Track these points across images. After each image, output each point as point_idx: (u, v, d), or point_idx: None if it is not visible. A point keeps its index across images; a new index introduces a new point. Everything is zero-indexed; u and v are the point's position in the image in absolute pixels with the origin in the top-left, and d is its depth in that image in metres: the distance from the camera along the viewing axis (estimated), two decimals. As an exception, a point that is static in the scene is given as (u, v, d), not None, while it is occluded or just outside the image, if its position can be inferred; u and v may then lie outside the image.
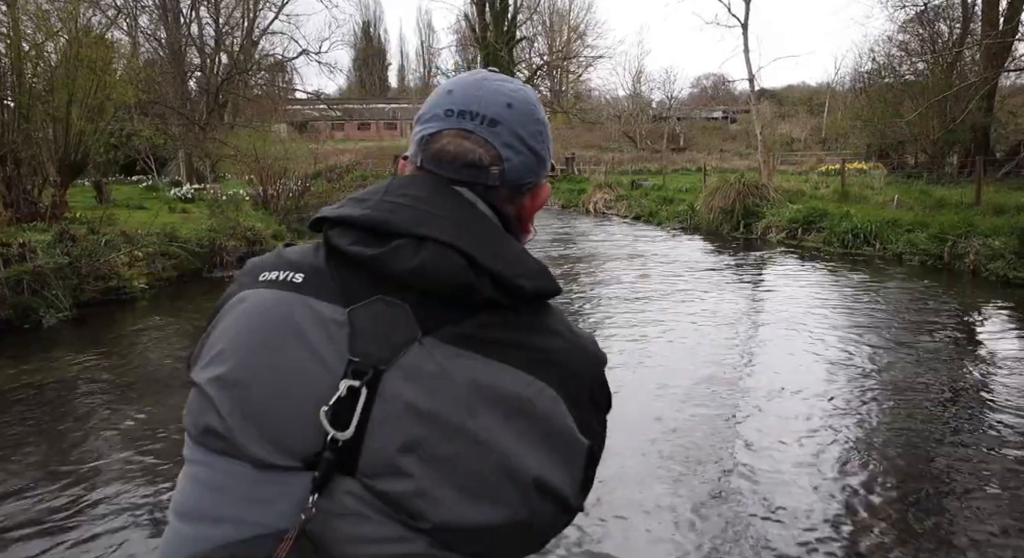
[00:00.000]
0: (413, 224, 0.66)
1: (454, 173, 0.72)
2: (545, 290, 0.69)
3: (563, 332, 0.69)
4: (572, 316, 7.49)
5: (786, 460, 3.86)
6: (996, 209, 11.66)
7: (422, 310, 0.64)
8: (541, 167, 0.77)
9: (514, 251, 0.69)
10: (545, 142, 0.77)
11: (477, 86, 0.75)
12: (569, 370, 0.67)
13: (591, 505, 3.38)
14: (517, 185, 0.75)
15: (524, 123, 0.74)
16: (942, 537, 3.11)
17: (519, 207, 0.77)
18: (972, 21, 22.85)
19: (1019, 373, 5.34)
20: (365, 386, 0.61)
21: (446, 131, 0.73)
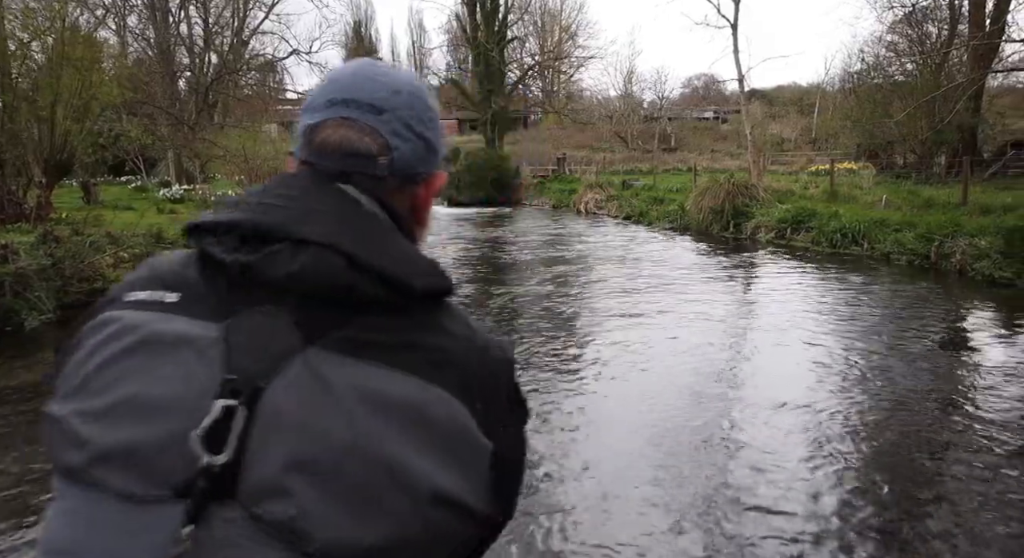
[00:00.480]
0: (289, 225, 0.62)
1: (339, 164, 0.68)
2: (436, 288, 0.66)
3: (461, 331, 0.66)
4: (560, 318, 7.50)
5: (777, 461, 3.86)
6: (983, 209, 11.75)
7: (304, 318, 0.61)
8: (433, 156, 0.75)
9: (401, 248, 0.66)
10: (437, 130, 0.75)
11: (361, 74, 0.72)
12: (468, 371, 0.64)
13: (584, 508, 3.37)
14: (408, 175, 0.72)
15: (413, 110, 0.71)
16: (933, 539, 3.12)
17: (412, 198, 0.74)
18: (959, 22, 23.03)
19: (1003, 372, 5.36)
20: (242, 405, 0.57)
21: (329, 121, 0.69)
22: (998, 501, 3.38)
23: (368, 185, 0.69)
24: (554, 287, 9.47)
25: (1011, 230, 9.06)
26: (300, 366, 0.59)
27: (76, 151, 11.69)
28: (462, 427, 0.61)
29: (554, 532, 3.18)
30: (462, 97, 36.28)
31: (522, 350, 6.24)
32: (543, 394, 5.05)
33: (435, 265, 0.68)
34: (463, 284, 10.11)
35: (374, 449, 0.58)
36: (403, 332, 0.63)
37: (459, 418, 0.61)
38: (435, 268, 0.67)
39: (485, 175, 29.21)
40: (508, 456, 0.67)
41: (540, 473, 3.77)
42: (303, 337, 0.60)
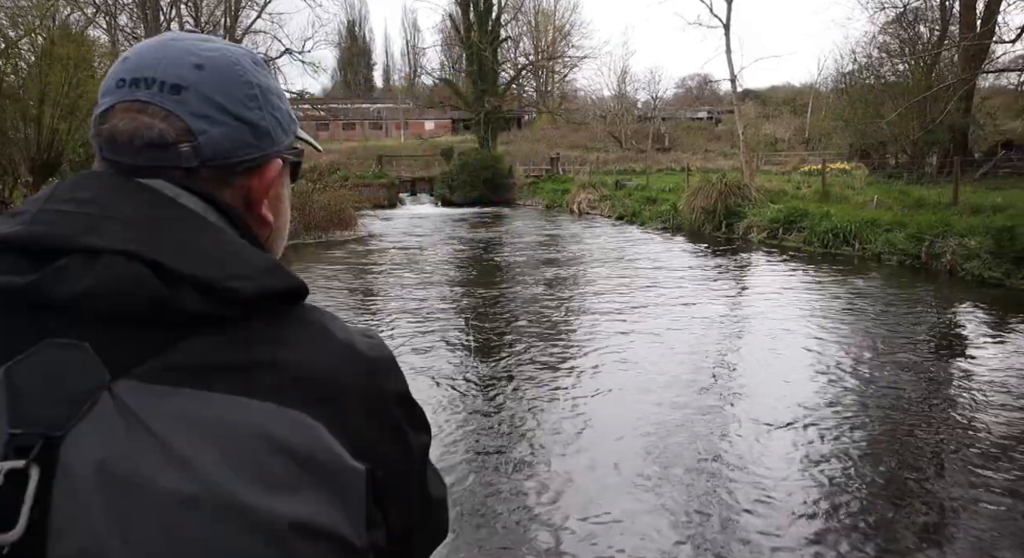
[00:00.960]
0: (80, 234, 0.51)
1: (134, 157, 0.57)
2: (273, 290, 0.54)
3: (315, 337, 0.56)
4: (552, 320, 7.48)
5: (768, 466, 3.85)
6: (973, 209, 11.79)
7: (110, 346, 0.49)
8: (264, 139, 0.62)
9: (224, 247, 0.54)
10: (265, 107, 0.62)
11: (158, 48, 0.60)
12: (329, 386, 0.53)
13: (572, 514, 3.35)
14: (226, 164, 0.60)
15: (223, 86, 0.59)
16: (922, 540, 3.11)
17: (243, 192, 0.62)
18: (950, 23, 23.14)
19: (992, 371, 5.37)
20: (35, 463, 0.46)
21: (118, 106, 0.58)
22: (991, 503, 3.38)
23: (180, 179, 0.58)
24: (546, 288, 9.45)
25: (1000, 230, 9.10)
26: (109, 406, 0.48)
27: (64, 150, 11.61)
28: (324, 451, 0.51)
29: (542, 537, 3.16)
30: (456, 97, 36.23)
31: (514, 353, 6.21)
32: (535, 396, 5.03)
33: (271, 263, 0.56)
34: (453, 286, 10.08)
35: (215, 494, 0.47)
36: (240, 349, 0.52)
37: (319, 442, 0.51)
38: (270, 267, 0.56)
39: (478, 175, 29.17)
40: (396, 476, 0.57)
41: (526, 477, 3.75)
42: (110, 369, 0.49)
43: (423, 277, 10.67)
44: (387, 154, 36.19)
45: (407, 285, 9.92)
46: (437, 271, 11.39)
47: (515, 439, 4.27)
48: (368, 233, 17.39)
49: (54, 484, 0.47)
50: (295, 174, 0.70)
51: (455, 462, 3.91)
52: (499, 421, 4.56)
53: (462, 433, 4.36)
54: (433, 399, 4.92)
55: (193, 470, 0.47)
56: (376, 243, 15.53)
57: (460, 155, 31.47)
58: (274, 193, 0.65)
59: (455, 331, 7.04)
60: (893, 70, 24.74)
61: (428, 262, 12.48)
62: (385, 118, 52.76)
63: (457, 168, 30.02)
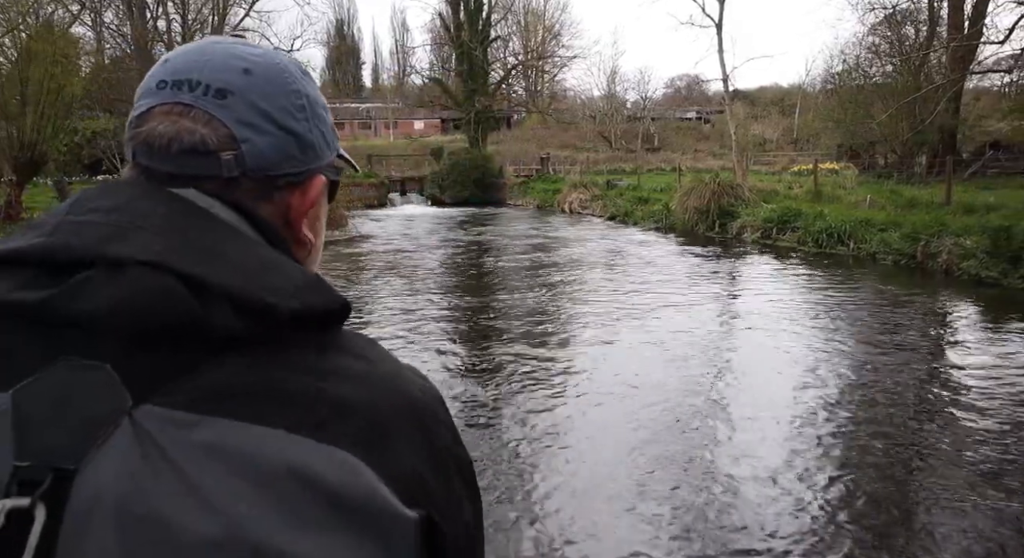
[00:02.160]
0: (102, 244, 0.47)
1: (171, 164, 0.53)
2: (314, 308, 0.49)
3: (356, 368, 0.50)
4: (547, 319, 7.38)
5: (760, 467, 3.76)
6: (966, 209, 11.82)
7: (134, 368, 0.44)
8: (308, 153, 0.57)
9: (261, 259, 0.50)
10: (312, 119, 0.58)
11: (201, 51, 0.56)
12: (372, 420, 0.47)
13: (563, 516, 3.25)
14: (268, 177, 0.55)
15: (271, 93, 0.55)
16: (910, 541, 3.03)
17: (282, 208, 0.57)
18: (938, 24, 23.31)
19: (990, 373, 5.32)
20: (42, 501, 0.41)
21: (157, 108, 0.54)
22: (982, 504, 3.31)
23: (218, 190, 0.53)
24: (535, 288, 9.35)
25: (997, 230, 9.10)
26: (128, 434, 0.43)
27: (48, 149, 11.37)
28: (371, 496, 0.45)
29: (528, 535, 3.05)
30: (445, 96, 36.08)
31: (506, 354, 6.10)
32: (526, 398, 4.92)
33: (312, 279, 0.51)
34: (445, 291, 9.97)
35: (244, 538, 0.41)
36: (274, 374, 0.46)
37: (364, 486, 0.45)
38: (312, 283, 0.50)
39: (468, 175, 29.06)
40: (449, 524, 0.50)
41: (517, 481, 3.64)
42: (132, 394, 0.44)
43: (412, 281, 10.54)
44: (377, 154, 35.99)
45: (395, 287, 9.78)
46: (426, 273, 11.27)
47: (504, 445, 4.16)
48: (358, 233, 17.24)
49: (63, 524, 0.41)
50: (332, 194, 0.65)
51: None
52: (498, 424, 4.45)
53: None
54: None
55: (220, 510, 0.42)
56: (366, 244, 15.38)
57: (450, 155, 31.33)
58: (314, 212, 0.60)
59: (443, 334, 6.92)
60: (882, 71, 24.90)
61: (417, 264, 12.35)
62: (374, 118, 52.50)
63: (447, 168, 29.88)
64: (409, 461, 0.48)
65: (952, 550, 2.99)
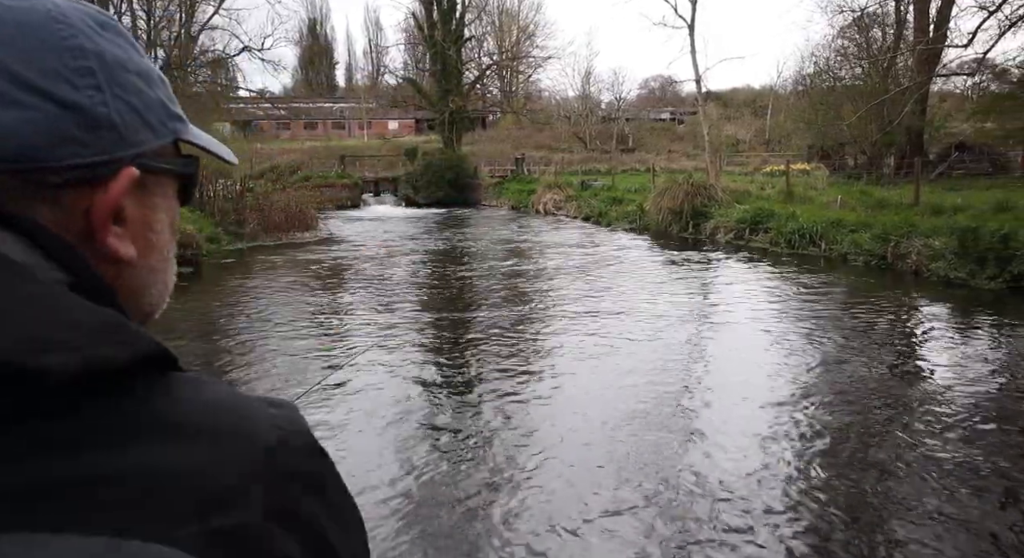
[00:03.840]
0: None
1: None
2: (107, 363, 0.35)
3: (187, 421, 0.37)
4: (521, 320, 7.26)
5: (733, 470, 3.68)
6: (934, 209, 11.96)
7: None
8: (101, 134, 0.41)
9: (27, 300, 0.35)
10: (108, 87, 0.42)
11: None
12: (208, 494, 0.35)
13: (538, 520, 3.12)
14: (37, 169, 0.39)
15: (29, 50, 0.39)
16: (885, 540, 2.97)
17: (75, 213, 0.41)
18: (905, 28, 23.70)
19: (957, 372, 5.32)
20: None
21: None
22: (947, 503, 3.26)
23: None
24: (508, 291, 9.23)
25: (964, 231, 9.19)
26: None
27: None
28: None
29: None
30: (419, 96, 35.80)
31: (480, 357, 5.97)
32: (502, 395, 4.79)
33: (110, 320, 0.37)
34: (413, 294, 9.80)
35: None
36: (61, 458, 0.33)
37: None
38: (109, 325, 0.36)
39: (443, 175, 28.85)
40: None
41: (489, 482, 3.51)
42: None
43: (381, 284, 10.35)
44: (350, 154, 35.60)
45: (362, 291, 9.59)
46: (396, 277, 11.08)
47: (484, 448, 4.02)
48: (329, 234, 16.98)
49: None
50: (187, 194, 0.48)
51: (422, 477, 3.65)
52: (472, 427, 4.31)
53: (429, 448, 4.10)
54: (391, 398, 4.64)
55: None
56: (336, 246, 15.12)
57: (424, 155, 31.10)
58: (139, 217, 0.43)
59: (416, 338, 6.77)
60: (851, 73, 25.25)
61: (388, 266, 12.15)
62: (348, 118, 51.96)
63: (421, 168, 29.64)
64: (271, 533, 0.36)
65: (919, 548, 2.93)
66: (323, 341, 6.74)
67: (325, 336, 6.97)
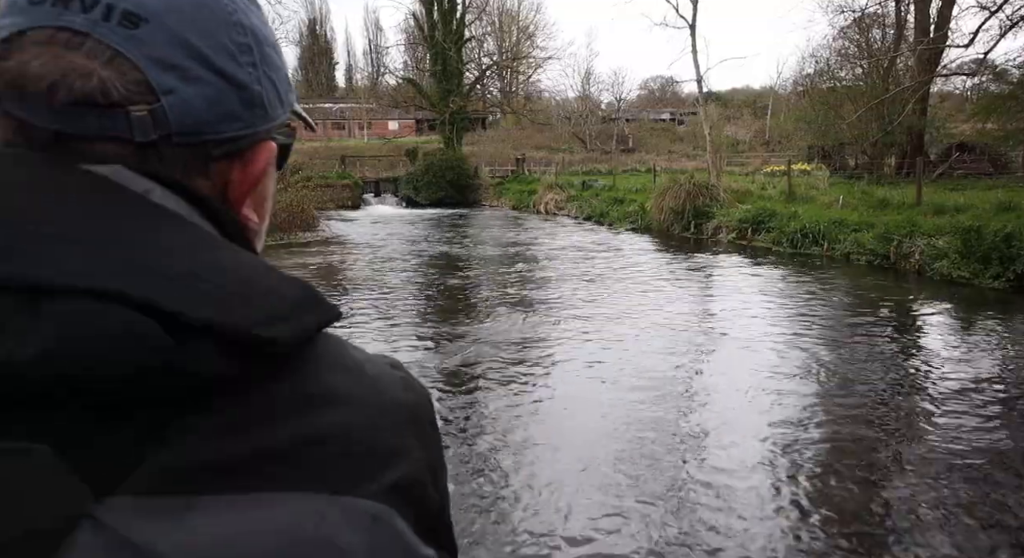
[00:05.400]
0: (6, 264, 0.32)
1: (56, 120, 0.36)
2: (310, 330, 0.38)
3: (350, 389, 0.39)
4: (522, 321, 7.25)
5: (735, 474, 3.68)
6: (936, 209, 11.96)
7: (82, 446, 0.31)
8: (255, 110, 0.42)
9: (245, 274, 0.37)
10: (261, 64, 0.42)
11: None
12: (382, 450, 0.38)
13: (539, 529, 3.12)
14: (201, 142, 0.40)
15: (205, 24, 0.39)
16: (883, 541, 2.96)
17: (219, 185, 0.42)
18: (905, 28, 23.72)
19: (961, 373, 5.32)
20: None
21: (31, 33, 0.36)
22: (954, 507, 3.26)
23: (131, 159, 0.37)
24: (508, 289, 9.23)
25: (968, 230, 9.18)
26: (93, 544, 0.30)
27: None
28: (400, 550, 0.37)
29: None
30: (420, 97, 35.80)
31: (480, 357, 5.96)
32: (500, 404, 4.79)
33: (306, 291, 0.39)
34: (414, 293, 9.80)
35: None
36: (265, 424, 0.35)
37: (392, 537, 0.37)
38: (307, 296, 0.38)
39: (443, 176, 28.85)
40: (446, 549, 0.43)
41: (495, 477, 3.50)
42: (90, 486, 0.31)
43: (380, 285, 10.36)
44: (350, 154, 35.60)
45: (365, 289, 9.59)
46: (395, 278, 11.08)
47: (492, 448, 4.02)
48: (331, 235, 16.98)
49: None
50: (283, 160, 0.48)
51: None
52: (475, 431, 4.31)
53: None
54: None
55: None
56: (337, 246, 15.12)
57: (425, 156, 31.08)
58: (262, 188, 0.45)
59: (417, 336, 6.76)
60: (851, 73, 25.28)
61: (389, 266, 12.15)
62: (348, 118, 51.98)
63: (422, 169, 29.63)
64: (427, 485, 0.41)
65: (925, 545, 2.92)
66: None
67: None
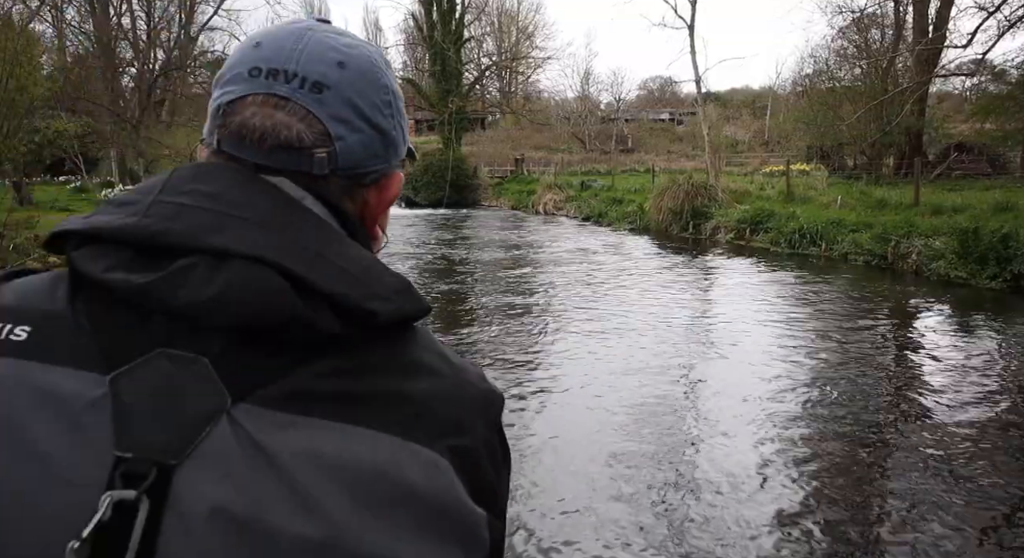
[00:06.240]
0: (205, 233, 0.46)
1: (263, 158, 0.52)
2: (408, 313, 0.50)
3: (439, 368, 0.51)
4: (521, 320, 7.27)
5: (733, 474, 3.70)
6: (934, 209, 11.98)
7: (231, 363, 0.44)
8: (390, 150, 0.58)
9: (362, 263, 0.50)
10: (396, 117, 0.58)
11: (296, 37, 0.54)
12: (452, 420, 0.48)
13: (542, 532, 3.13)
14: (356, 174, 0.55)
15: (364, 89, 0.55)
16: (882, 541, 2.98)
17: (361, 205, 0.58)
18: (904, 28, 23.74)
19: (958, 373, 5.34)
20: (145, 496, 0.41)
21: (250, 97, 0.52)
22: (950, 504, 3.28)
23: (306, 183, 0.53)
24: (511, 290, 9.25)
25: (965, 231, 9.20)
26: (229, 434, 0.43)
27: (3, 148, 10.96)
28: (452, 497, 0.46)
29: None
30: (419, 97, 35.81)
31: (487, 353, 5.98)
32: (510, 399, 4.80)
33: (405, 283, 0.51)
34: (418, 287, 9.80)
35: (343, 541, 0.42)
36: (367, 375, 0.47)
37: (447, 486, 0.46)
38: (405, 287, 0.51)
39: (443, 176, 28.87)
40: (499, 521, 0.51)
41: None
42: (231, 391, 0.44)
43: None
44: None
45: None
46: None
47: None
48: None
49: (163, 521, 0.41)
50: None
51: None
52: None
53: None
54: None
55: (321, 513, 0.42)
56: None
57: (424, 156, 31.08)
58: (387, 209, 0.62)
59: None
60: (850, 74, 25.29)
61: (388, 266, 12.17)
62: (347, 118, 51.92)
63: (421, 169, 29.63)
64: (479, 459, 0.49)
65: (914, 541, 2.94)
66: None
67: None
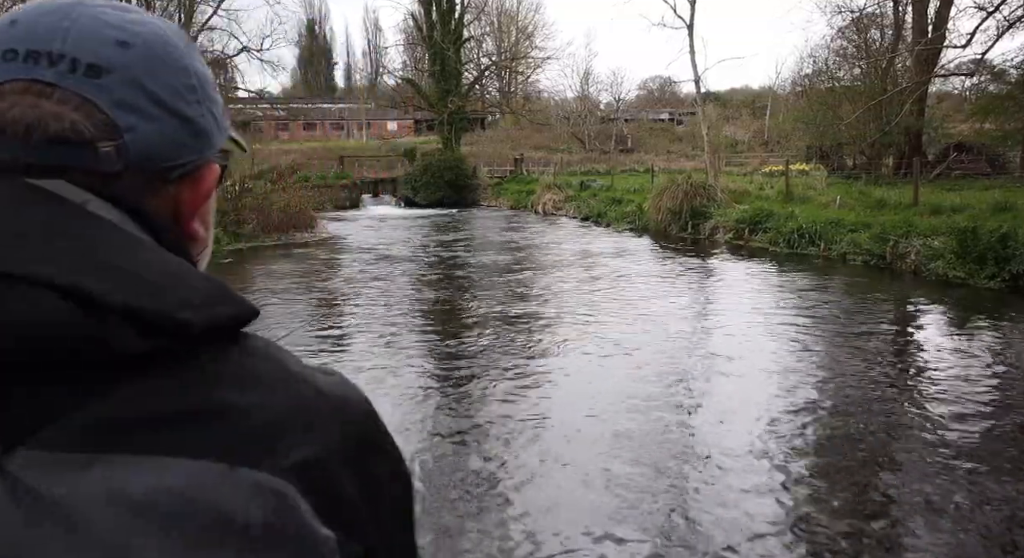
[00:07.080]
0: None
1: (29, 155, 0.43)
2: (225, 320, 0.43)
3: (274, 378, 0.44)
4: (520, 320, 7.27)
5: (731, 471, 3.69)
6: (933, 209, 11.98)
7: (13, 401, 0.38)
8: (201, 140, 0.50)
9: (165, 269, 0.43)
10: (204, 103, 0.50)
11: (62, 14, 0.46)
12: (292, 434, 0.42)
13: (537, 534, 3.13)
14: (158, 169, 0.47)
15: (157, 72, 0.47)
16: (883, 540, 2.98)
17: (170, 203, 0.49)
18: (903, 28, 23.75)
19: (956, 373, 5.34)
20: None
21: (8, 85, 0.43)
22: (950, 508, 3.28)
23: (93, 184, 0.44)
24: (507, 292, 9.24)
25: (963, 231, 9.19)
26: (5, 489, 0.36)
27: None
28: (291, 523, 0.40)
29: None
30: (419, 97, 35.80)
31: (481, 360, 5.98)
32: (496, 403, 4.80)
33: (218, 286, 0.44)
34: (411, 292, 9.82)
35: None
36: (184, 395, 0.40)
37: (282, 510, 0.40)
38: (219, 291, 0.44)
39: (442, 176, 28.86)
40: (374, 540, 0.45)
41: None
42: (9, 436, 0.37)
43: (379, 285, 10.37)
44: (349, 155, 35.62)
45: (359, 293, 9.61)
46: (394, 279, 11.09)
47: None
48: (328, 235, 16.99)
49: None
50: (220, 180, 0.56)
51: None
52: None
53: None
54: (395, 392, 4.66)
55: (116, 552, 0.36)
56: (335, 246, 15.14)
57: (423, 156, 31.09)
58: (206, 205, 0.53)
59: (417, 340, 6.77)
60: (850, 74, 25.30)
61: (388, 267, 12.17)
62: (347, 118, 51.96)
63: (420, 169, 29.64)
64: (335, 472, 0.43)
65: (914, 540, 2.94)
66: (317, 344, 6.75)
67: (320, 338, 6.98)
